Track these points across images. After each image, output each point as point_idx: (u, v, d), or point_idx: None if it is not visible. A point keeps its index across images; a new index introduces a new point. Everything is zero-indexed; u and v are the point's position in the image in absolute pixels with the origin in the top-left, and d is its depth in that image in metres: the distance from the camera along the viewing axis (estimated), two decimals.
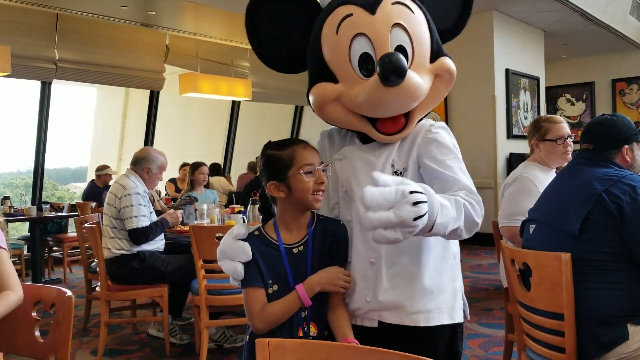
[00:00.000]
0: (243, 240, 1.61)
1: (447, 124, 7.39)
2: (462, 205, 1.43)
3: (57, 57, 7.31)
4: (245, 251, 1.58)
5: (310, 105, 1.67)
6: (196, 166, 5.50)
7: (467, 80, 8.08)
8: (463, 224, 1.44)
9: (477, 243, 7.96)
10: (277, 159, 1.58)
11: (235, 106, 10.60)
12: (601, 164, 2.17)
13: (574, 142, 3.01)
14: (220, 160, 10.39)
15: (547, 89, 9.76)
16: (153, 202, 4.33)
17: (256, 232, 1.64)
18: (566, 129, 3.05)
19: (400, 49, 1.53)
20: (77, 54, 7.51)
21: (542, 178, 2.98)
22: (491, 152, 7.94)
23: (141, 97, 9.46)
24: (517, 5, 7.66)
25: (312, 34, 1.63)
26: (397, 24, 1.52)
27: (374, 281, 1.60)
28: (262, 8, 1.71)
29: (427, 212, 1.24)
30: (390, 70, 1.41)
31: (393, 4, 1.53)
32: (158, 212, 4.46)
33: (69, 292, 1.82)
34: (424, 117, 1.67)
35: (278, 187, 1.58)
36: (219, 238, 1.68)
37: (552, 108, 11.38)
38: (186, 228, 4.22)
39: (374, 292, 1.60)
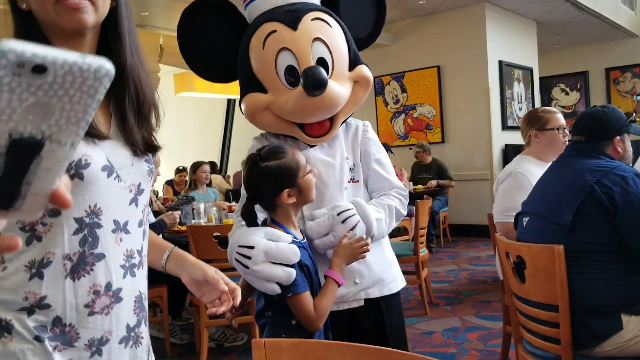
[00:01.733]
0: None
1: (441, 116, 7.43)
2: (393, 209, 1.79)
3: None
4: (297, 253, 1.55)
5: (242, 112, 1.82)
6: (197, 165, 5.53)
7: (461, 73, 8.10)
8: (395, 222, 1.81)
9: (475, 235, 8.00)
10: (289, 167, 1.60)
11: (230, 104, 10.60)
12: (593, 155, 2.19)
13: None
14: (216, 158, 10.39)
15: (541, 79, 9.78)
16: (150, 203, 4.33)
17: (296, 239, 1.63)
18: (563, 119, 3.06)
19: (321, 60, 1.71)
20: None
21: (536, 172, 2.97)
22: (486, 143, 7.96)
23: None
24: None
25: (241, 48, 1.79)
26: (317, 38, 1.71)
27: (358, 263, 1.74)
28: (194, 22, 1.87)
29: (359, 221, 1.65)
30: (312, 82, 1.61)
31: (312, 19, 1.73)
32: (156, 213, 4.46)
33: None
34: (347, 118, 1.86)
35: (290, 193, 1.61)
36: (217, 237, 1.71)
37: (547, 98, 11.40)
38: (184, 228, 4.23)
39: (360, 273, 1.78)
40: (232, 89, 8.76)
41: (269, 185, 1.60)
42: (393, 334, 1.83)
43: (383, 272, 1.82)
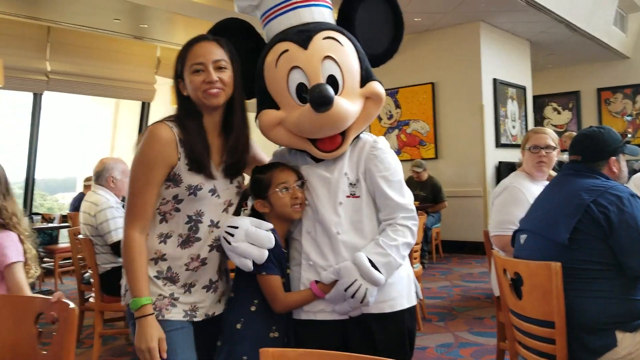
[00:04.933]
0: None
1: (435, 133, 7.48)
2: (400, 247, 1.77)
3: (48, 69, 7.33)
4: (271, 240, 1.77)
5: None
6: None
7: (456, 90, 8.18)
8: (406, 252, 1.81)
9: (467, 252, 8.04)
10: (260, 181, 1.87)
11: None
12: (589, 175, 2.23)
13: (563, 151, 3.08)
14: None
15: (534, 97, 9.89)
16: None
17: (273, 228, 1.83)
18: (543, 139, 3.10)
19: (332, 77, 1.78)
20: (68, 65, 7.53)
21: (530, 187, 3.04)
22: (480, 160, 8.02)
23: (132, 107, 9.46)
24: (503, 16, 7.78)
25: (257, 67, 1.88)
26: (328, 57, 1.78)
27: None
28: None
29: (367, 289, 1.70)
30: (319, 99, 1.68)
31: (324, 38, 1.79)
32: None
33: (72, 304, 1.85)
34: (360, 133, 1.89)
35: (263, 204, 1.86)
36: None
37: (539, 117, 11.51)
38: None
39: None
40: None
41: (252, 192, 1.91)
42: (386, 355, 1.79)
43: (379, 290, 1.76)
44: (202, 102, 1.76)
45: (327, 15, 1.92)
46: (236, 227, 1.76)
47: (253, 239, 1.75)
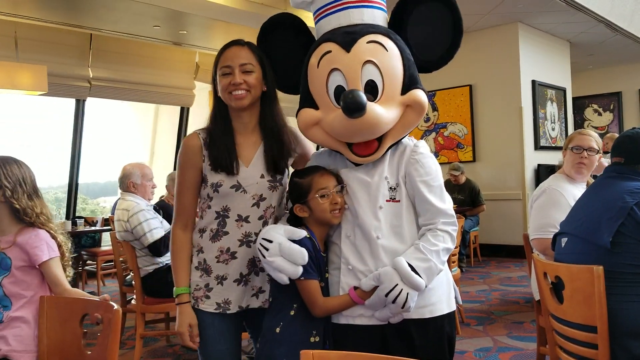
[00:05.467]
0: (297, 241, 1.79)
1: (473, 135, 7.40)
2: (440, 252, 1.75)
3: (90, 76, 7.50)
4: (304, 257, 1.76)
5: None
6: None
7: (494, 92, 8.10)
8: (445, 258, 1.78)
9: (506, 255, 7.94)
10: (299, 186, 1.86)
11: None
12: (632, 177, 2.20)
13: (605, 153, 3.04)
14: None
15: (574, 99, 9.72)
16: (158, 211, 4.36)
17: (308, 236, 1.83)
18: (587, 140, 3.09)
19: (371, 82, 1.76)
20: (110, 72, 7.69)
21: (569, 189, 3.01)
22: (519, 163, 7.91)
23: (171, 112, 9.61)
24: (542, 17, 7.67)
25: (304, 64, 1.89)
26: (369, 61, 1.76)
27: None
28: (267, 38, 2.03)
29: (408, 293, 1.67)
30: (350, 105, 1.66)
31: (368, 42, 1.77)
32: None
33: (116, 306, 1.89)
34: (401, 139, 1.87)
35: (302, 208, 1.86)
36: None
37: (580, 119, 11.30)
38: None
39: None
40: None
41: (291, 196, 1.93)
42: None
43: (419, 296, 1.74)
44: (229, 103, 1.90)
45: (379, 17, 1.88)
46: (270, 241, 1.76)
47: (287, 254, 1.74)
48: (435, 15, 1.89)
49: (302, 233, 1.80)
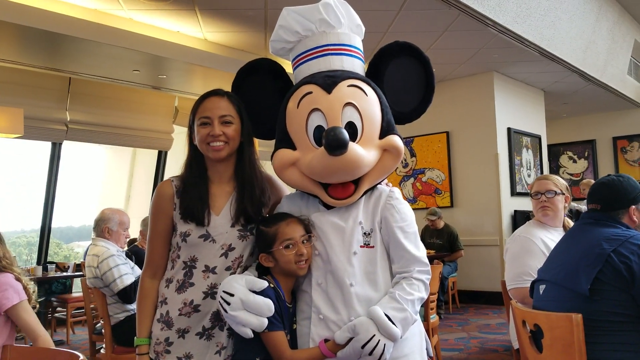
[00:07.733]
0: (260, 292, 1.71)
1: (450, 181, 7.47)
2: (416, 301, 1.73)
3: (68, 119, 7.46)
4: (271, 309, 1.70)
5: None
6: None
7: (471, 139, 8.20)
8: (419, 307, 1.76)
9: (484, 302, 7.90)
10: (264, 235, 1.81)
11: None
12: (609, 224, 2.20)
13: (576, 200, 3.07)
14: None
15: (549, 146, 9.88)
16: (131, 257, 4.28)
17: (272, 285, 1.77)
18: (544, 185, 3.13)
19: (351, 124, 1.76)
20: (87, 115, 7.65)
21: (541, 235, 3.02)
22: (496, 209, 7.96)
23: (148, 156, 9.56)
24: (516, 66, 7.84)
25: (282, 106, 1.89)
26: (350, 103, 1.77)
27: None
28: (243, 84, 2.03)
29: (385, 344, 1.63)
30: (333, 142, 1.64)
31: (348, 86, 1.80)
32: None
33: (82, 356, 1.85)
34: (375, 185, 1.86)
35: (267, 258, 1.81)
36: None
37: (555, 165, 11.46)
38: None
39: None
40: None
41: (257, 245, 1.86)
42: None
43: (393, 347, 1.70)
44: (206, 154, 1.88)
45: (358, 66, 1.93)
46: (232, 295, 1.68)
47: (251, 307, 1.68)
48: (409, 70, 1.97)
49: (264, 284, 1.73)
